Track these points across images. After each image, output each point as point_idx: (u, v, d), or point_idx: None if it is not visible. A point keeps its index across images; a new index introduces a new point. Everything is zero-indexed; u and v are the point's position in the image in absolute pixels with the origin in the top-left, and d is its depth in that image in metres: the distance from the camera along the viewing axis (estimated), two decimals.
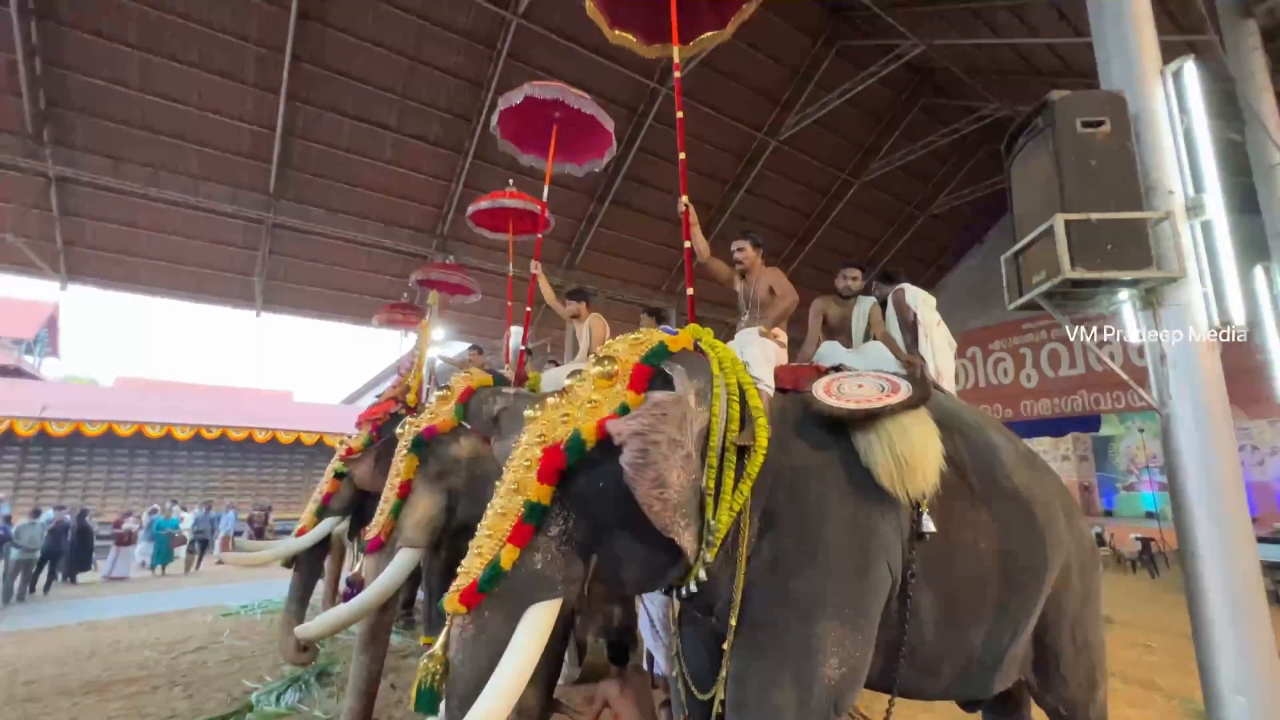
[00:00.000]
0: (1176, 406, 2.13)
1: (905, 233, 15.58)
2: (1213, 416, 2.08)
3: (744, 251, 3.38)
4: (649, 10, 3.78)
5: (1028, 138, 2.54)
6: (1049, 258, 2.19)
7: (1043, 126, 2.34)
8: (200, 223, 10.37)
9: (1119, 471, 17.88)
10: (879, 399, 2.39)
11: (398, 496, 3.65)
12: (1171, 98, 2.34)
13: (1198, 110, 2.32)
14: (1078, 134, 2.19)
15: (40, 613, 8.30)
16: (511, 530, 1.93)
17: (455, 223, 11.34)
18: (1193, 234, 2.17)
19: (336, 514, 5.27)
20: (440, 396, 3.74)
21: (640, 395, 2.09)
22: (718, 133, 11.84)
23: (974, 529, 2.46)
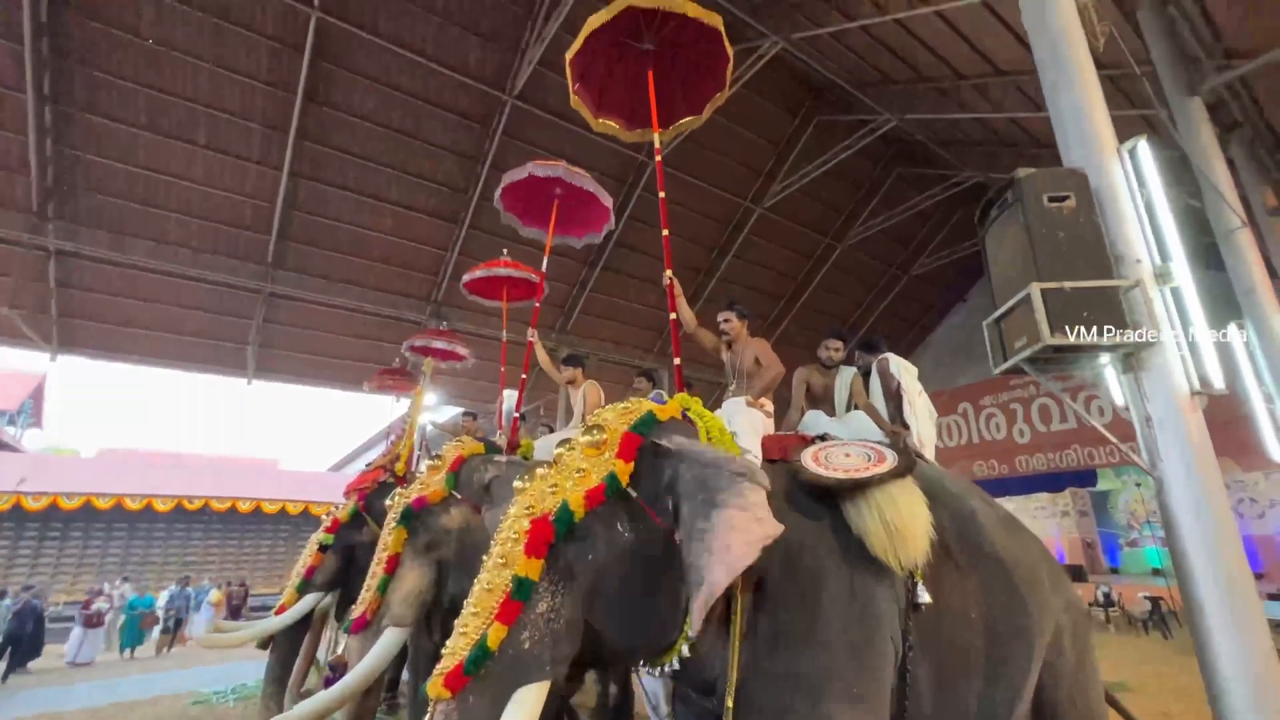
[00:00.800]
0: (1167, 469, 2.15)
1: (889, 293, 15.98)
2: (1203, 478, 2.10)
3: (730, 322, 3.46)
4: (630, 98, 4.05)
5: (999, 210, 2.68)
6: (1029, 324, 2.27)
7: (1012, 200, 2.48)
8: (197, 293, 10.50)
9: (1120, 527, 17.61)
10: (867, 468, 2.42)
11: (385, 571, 3.53)
12: (1130, 173, 2.50)
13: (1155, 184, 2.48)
14: (1045, 208, 2.33)
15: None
16: (499, 607, 1.87)
17: (450, 289, 11.54)
18: (1163, 299, 2.26)
19: (320, 589, 5.05)
20: (431, 466, 3.70)
21: (629, 464, 2.10)
22: (704, 201, 12.33)
23: (963, 597, 2.44)
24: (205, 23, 8.09)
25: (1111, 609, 12.90)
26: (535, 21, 9.10)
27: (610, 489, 2.03)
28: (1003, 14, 7.20)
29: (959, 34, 8.28)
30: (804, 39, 9.25)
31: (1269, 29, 5.60)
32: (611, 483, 2.04)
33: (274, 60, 8.64)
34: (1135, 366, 2.24)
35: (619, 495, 2.06)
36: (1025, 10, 3.16)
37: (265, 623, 4.92)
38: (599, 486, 2.02)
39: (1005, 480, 13.89)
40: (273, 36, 8.42)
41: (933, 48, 8.89)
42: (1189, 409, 2.17)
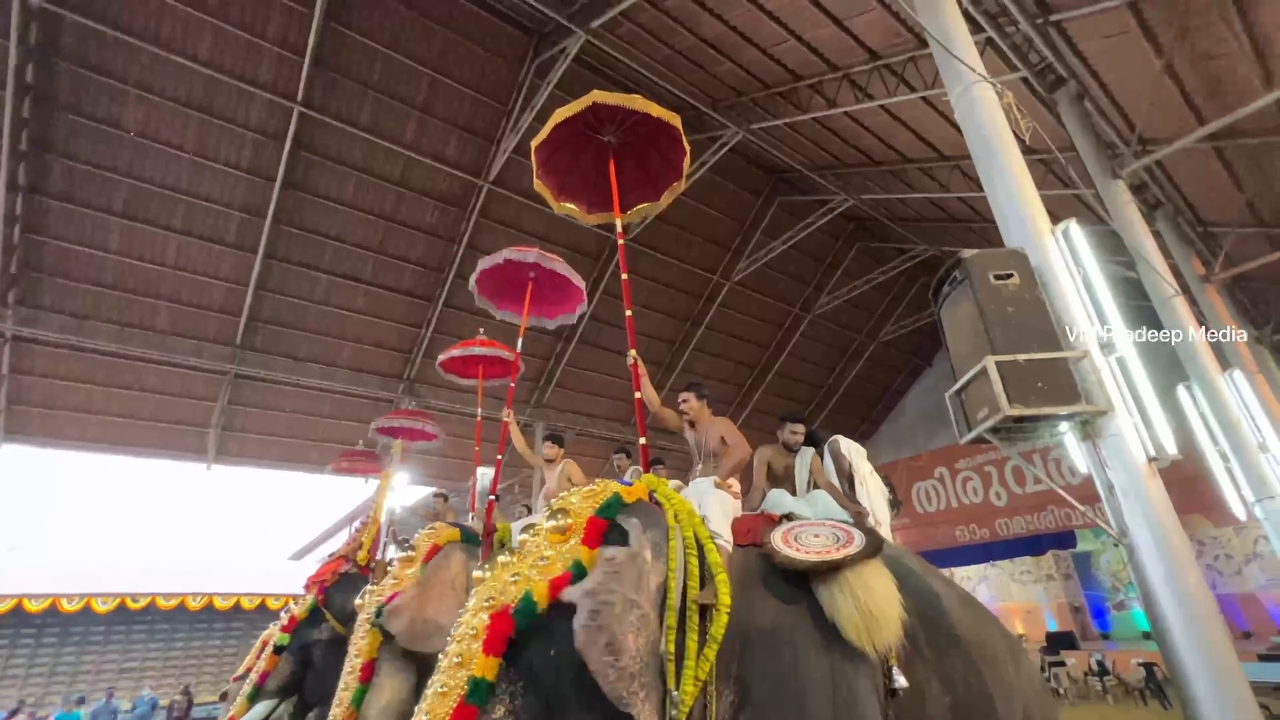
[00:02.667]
0: (1136, 535, 2.18)
1: (859, 360, 16.40)
2: (1170, 544, 2.13)
3: (688, 403, 3.50)
4: (591, 185, 4.26)
5: (951, 287, 2.83)
6: (988, 395, 2.35)
7: (962, 278, 2.63)
8: (160, 376, 10.23)
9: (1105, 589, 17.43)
10: (838, 550, 2.42)
11: (360, 680, 3.18)
12: (1065, 252, 2.69)
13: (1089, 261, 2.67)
14: (992, 285, 2.47)
15: None
16: (452, 713, 1.74)
17: (423, 366, 11.47)
18: (1111, 369, 2.37)
19: (273, 696, 4.64)
20: (403, 558, 3.45)
21: (594, 550, 2.02)
22: (676, 276, 12.74)
23: (933, 681, 2.42)
24: (190, 116, 8.36)
25: (1106, 678, 12.54)
26: (511, 114, 9.63)
27: (576, 577, 1.94)
28: (941, 108, 7.90)
29: (903, 124, 9.02)
30: (762, 129, 9.96)
31: (1177, 118, 6.24)
32: (577, 571, 1.96)
33: (255, 150, 8.90)
34: (1092, 434, 2.32)
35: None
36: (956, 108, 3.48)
37: None
38: (564, 575, 1.94)
39: (989, 545, 13.82)
40: (255, 129, 8.72)
41: (881, 136, 9.64)
42: (1148, 476, 2.23)
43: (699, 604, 2.08)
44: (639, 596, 1.90)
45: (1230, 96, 5.74)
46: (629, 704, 1.74)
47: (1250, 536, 14.45)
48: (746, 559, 2.55)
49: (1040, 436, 2.53)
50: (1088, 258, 2.65)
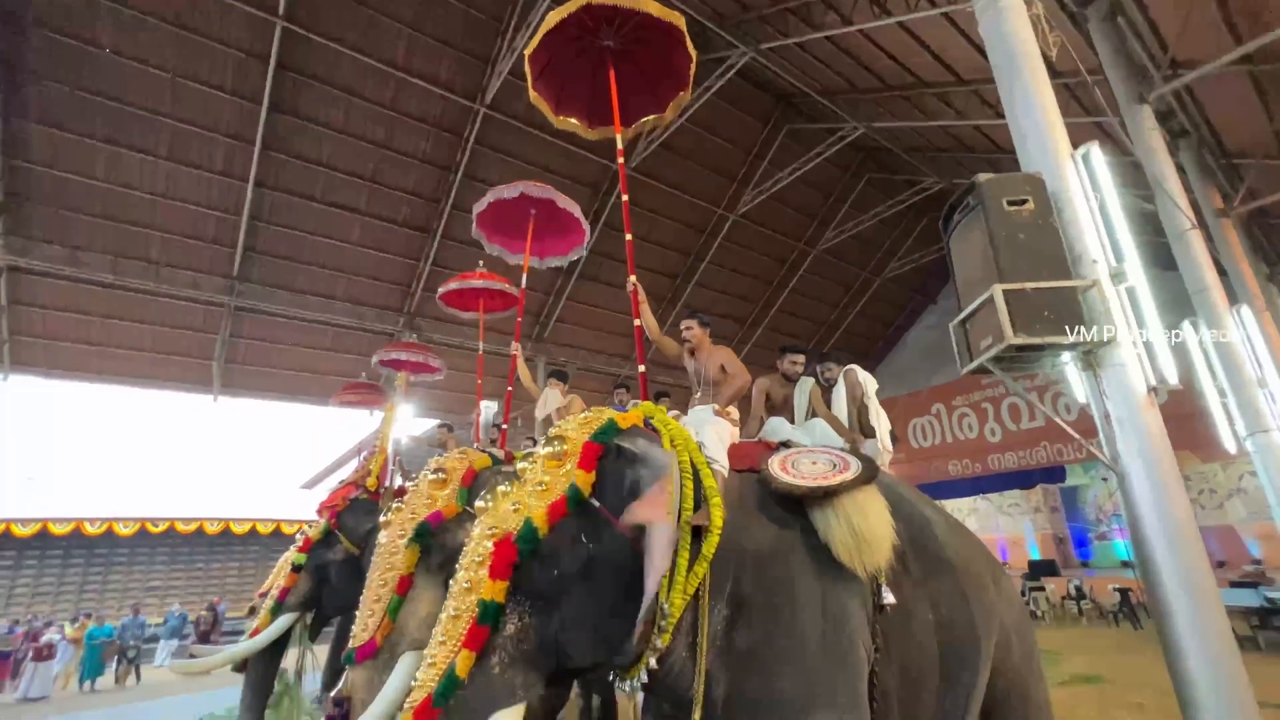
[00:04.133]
0: (1128, 464, 2.21)
1: (863, 296, 16.27)
2: (1162, 472, 2.16)
3: (691, 330, 3.47)
4: (591, 96, 4.04)
5: (962, 214, 2.75)
6: (993, 325, 2.32)
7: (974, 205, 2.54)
8: (158, 308, 10.19)
9: (1090, 521, 18.08)
10: (834, 476, 2.45)
11: (396, 593, 3.32)
12: (1084, 177, 2.59)
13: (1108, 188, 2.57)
14: (1005, 211, 2.39)
15: None
16: (466, 634, 1.82)
17: (423, 300, 11.40)
18: (1120, 299, 2.34)
19: (294, 610, 4.92)
20: (435, 481, 3.51)
21: (590, 473, 2.08)
22: (679, 209, 12.43)
23: (920, 601, 2.51)
24: (165, 32, 7.90)
25: (1083, 601, 13.20)
26: (506, 33, 9.09)
27: (572, 501, 2.00)
28: (962, 25, 7.42)
29: (922, 44, 8.50)
30: (771, 49, 9.41)
31: (1212, 40, 5.87)
32: (573, 494, 2.01)
33: (238, 71, 8.47)
34: (1094, 364, 2.31)
35: (582, 507, 2.03)
36: (981, 21, 3.25)
37: (239, 646, 4.78)
38: (561, 500, 2.00)
39: (979, 479, 14.18)
40: (236, 46, 8.26)
41: (896, 57, 9.12)
42: (1146, 405, 2.24)
43: (691, 525, 2.13)
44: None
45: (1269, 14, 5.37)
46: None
47: (1236, 472, 14.82)
48: (743, 484, 2.60)
49: (1042, 366, 2.52)
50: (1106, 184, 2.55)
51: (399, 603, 3.21)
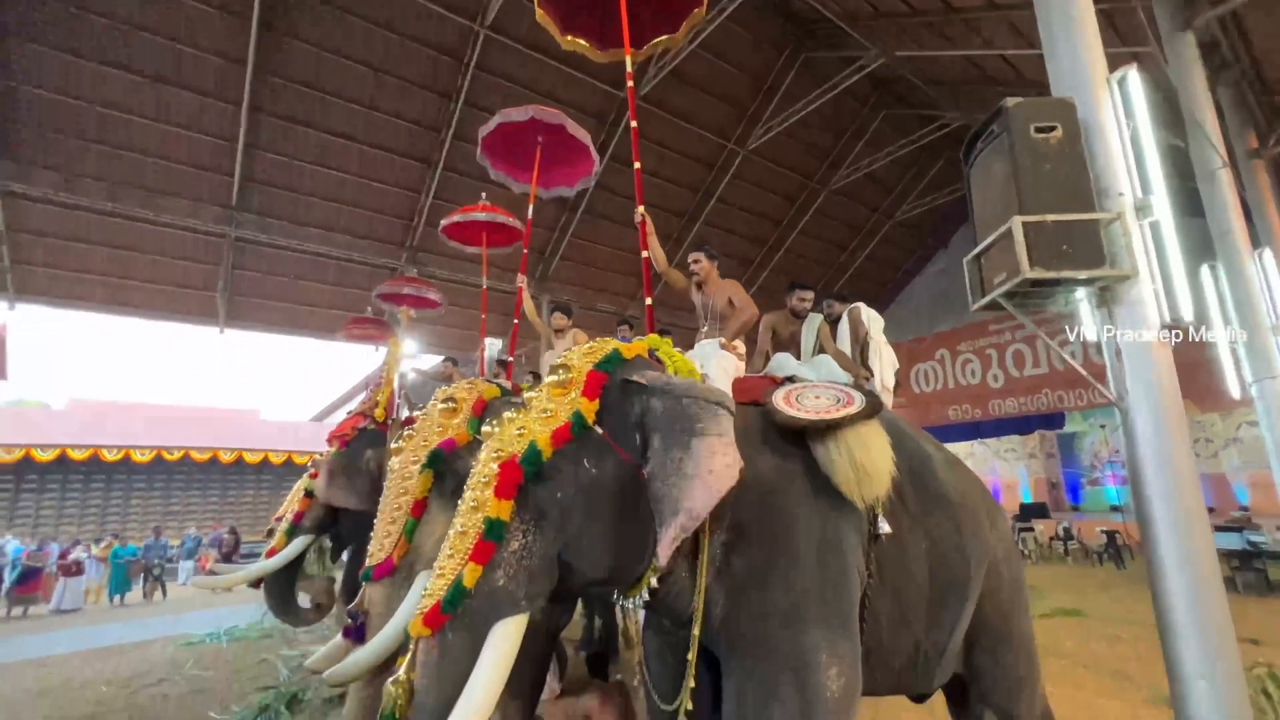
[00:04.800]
0: (1133, 401, 2.20)
1: (873, 239, 15.93)
2: (1167, 409, 2.16)
3: (699, 264, 3.42)
4: (600, 16, 3.80)
5: (985, 143, 2.62)
6: (1009, 259, 2.26)
7: (999, 132, 2.42)
8: (159, 238, 10.06)
9: (1084, 467, 18.40)
10: (838, 410, 2.47)
11: (411, 515, 3.46)
12: (1118, 104, 2.45)
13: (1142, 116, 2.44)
14: (1031, 139, 2.28)
15: None
16: (472, 548, 1.91)
17: (425, 234, 11.22)
18: (1142, 234, 2.26)
19: (308, 533, 5.13)
20: (446, 409, 3.57)
21: (594, 401, 2.11)
22: (688, 142, 11.99)
23: (915, 532, 2.59)
24: None
25: (1070, 542, 13.62)
26: None
27: (576, 427, 2.05)
28: None
29: None
30: None
31: None
32: (577, 421, 2.06)
33: None
34: (1110, 301, 2.26)
35: (585, 433, 2.07)
36: None
37: (258, 565, 5.04)
38: (565, 425, 2.04)
39: (979, 424, 14.35)
40: None
41: None
42: (1158, 344, 2.21)
43: None
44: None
45: None
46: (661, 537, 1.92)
47: (1234, 422, 14.94)
48: (746, 416, 2.61)
49: (1055, 303, 2.48)
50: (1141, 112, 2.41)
51: (414, 525, 3.33)
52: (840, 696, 2.11)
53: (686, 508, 1.95)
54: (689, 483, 1.97)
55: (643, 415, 2.18)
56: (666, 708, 2.30)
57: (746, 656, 2.18)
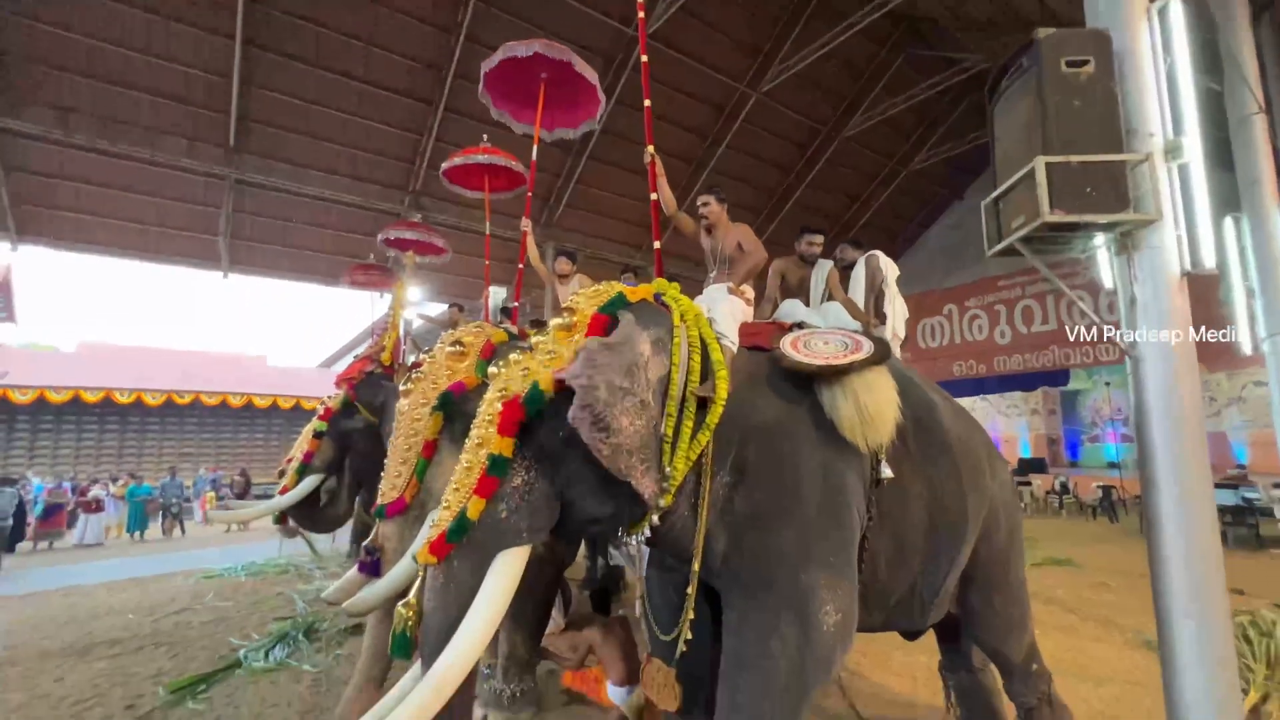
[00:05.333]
0: (1145, 349, 2.17)
1: (886, 189, 15.52)
2: (1179, 357, 2.13)
3: (709, 206, 3.34)
4: None
5: (1012, 79, 2.50)
6: (1028, 202, 2.19)
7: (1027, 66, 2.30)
8: (157, 178, 9.89)
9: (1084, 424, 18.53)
10: (846, 355, 2.47)
11: (423, 456, 3.53)
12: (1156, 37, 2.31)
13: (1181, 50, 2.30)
14: (1062, 73, 2.16)
15: (11, 582, 8.20)
16: (476, 483, 1.96)
17: (428, 178, 10.98)
18: (1170, 176, 2.18)
19: (319, 472, 5.26)
20: (454, 354, 3.59)
21: None
22: (698, 84, 11.54)
23: (917, 477, 2.63)
24: None
25: (1065, 497, 13.85)
26: None
27: None
28: None
29: None
30: None
31: None
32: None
33: None
34: (1130, 247, 2.20)
35: None
36: None
37: (271, 502, 5.20)
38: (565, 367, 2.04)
39: (983, 380, 14.37)
40: None
41: None
42: (1177, 290, 2.16)
43: (697, 396, 2.18)
44: (629, 383, 2.01)
45: None
46: (627, 474, 1.95)
47: (1239, 382, 14.90)
48: (752, 361, 2.62)
49: (1073, 249, 2.41)
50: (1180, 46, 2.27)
51: (425, 465, 3.41)
52: (837, 631, 2.19)
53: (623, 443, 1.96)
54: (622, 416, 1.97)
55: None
56: (665, 638, 2.40)
57: (747, 592, 2.26)
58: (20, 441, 15.85)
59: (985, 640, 3.07)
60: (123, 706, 4.00)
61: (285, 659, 4.82)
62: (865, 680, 4.35)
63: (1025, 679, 3.08)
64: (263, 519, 5.71)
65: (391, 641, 2.04)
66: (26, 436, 15.95)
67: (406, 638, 2.02)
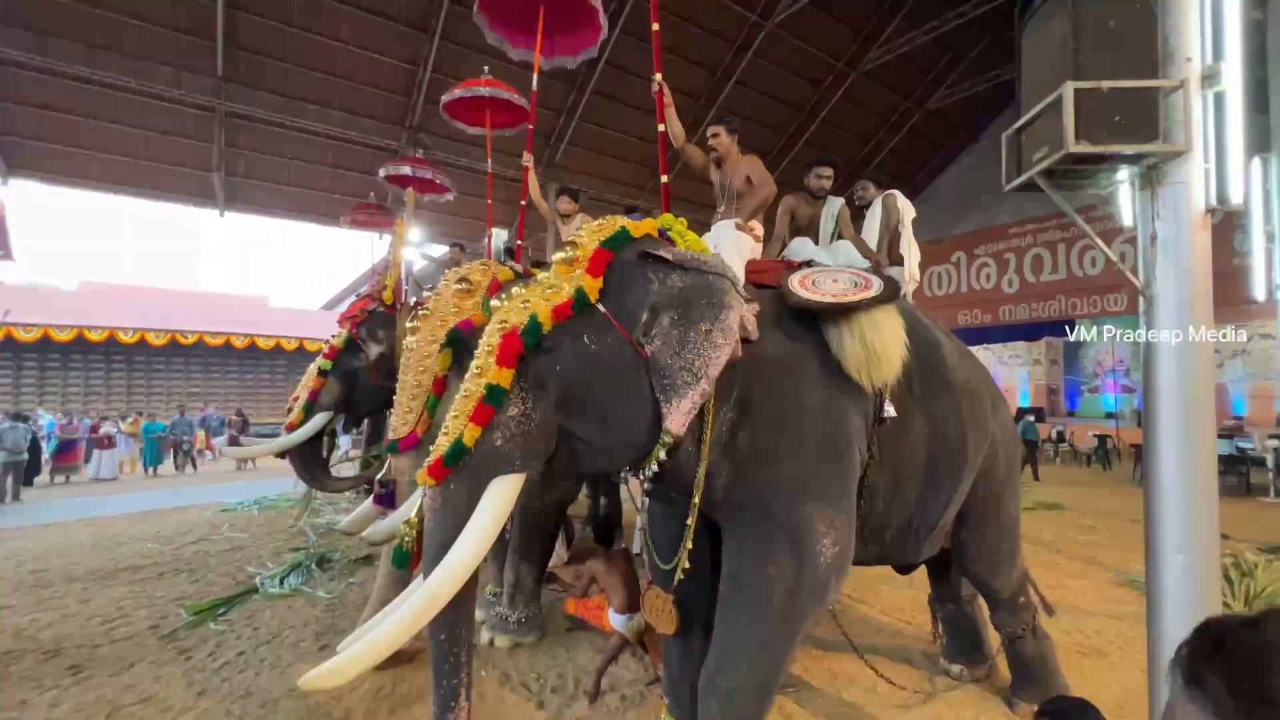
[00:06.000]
0: (1161, 288, 2.13)
1: (900, 130, 14.97)
2: (1195, 295, 2.10)
3: (719, 138, 3.21)
4: None
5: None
6: (1053, 133, 2.09)
7: None
8: (146, 111, 9.57)
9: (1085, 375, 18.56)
10: (854, 294, 2.46)
11: (433, 392, 3.58)
12: None
13: None
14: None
15: (34, 512, 8.47)
16: (473, 411, 2.00)
17: (426, 113, 10.61)
18: (1205, 105, 2.07)
19: (326, 409, 5.33)
20: (460, 291, 3.59)
21: (598, 279, 2.12)
22: (708, 14, 10.94)
23: (919, 415, 2.66)
24: None
25: (1061, 445, 14.04)
26: None
27: (578, 303, 2.07)
28: None
29: None
30: None
31: None
32: (579, 297, 2.08)
33: None
34: (1155, 181, 2.12)
35: (587, 309, 2.09)
36: None
37: (281, 439, 5.31)
38: (567, 301, 2.07)
39: (987, 329, 14.30)
40: None
41: None
42: (1199, 226, 2.09)
43: None
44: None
45: None
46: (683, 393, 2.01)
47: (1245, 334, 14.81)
48: (760, 298, 2.58)
49: (1096, 183, 2.32)
50: None
51: (435, 401, 3.47)
52: (833, 562, 2.26)
53: (711, 374, 2.00)
54: (717, 352, 2.01)
55: (657, 290, 2.15)
56: (665, 567, 2.47)
57: (747, 523, 2.31)
58: (29, 380, 16.04)
59: (977, 574, 3.17)
60: (147, 626, 4.20)
61: (300, 586, 5.03)
62: (855, 612, 4.54)
63: (1012, 610, 3.20)
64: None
65: (393, 554, 2.14)
66: (35, 375, 16.14)
67: (405, 552, 2.14)
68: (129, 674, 3.48)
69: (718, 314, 2.05)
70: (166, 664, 3.62)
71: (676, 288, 2.15)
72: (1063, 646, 3.63)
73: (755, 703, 2.27)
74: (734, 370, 2.23)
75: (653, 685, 3.31)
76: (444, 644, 2.02)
